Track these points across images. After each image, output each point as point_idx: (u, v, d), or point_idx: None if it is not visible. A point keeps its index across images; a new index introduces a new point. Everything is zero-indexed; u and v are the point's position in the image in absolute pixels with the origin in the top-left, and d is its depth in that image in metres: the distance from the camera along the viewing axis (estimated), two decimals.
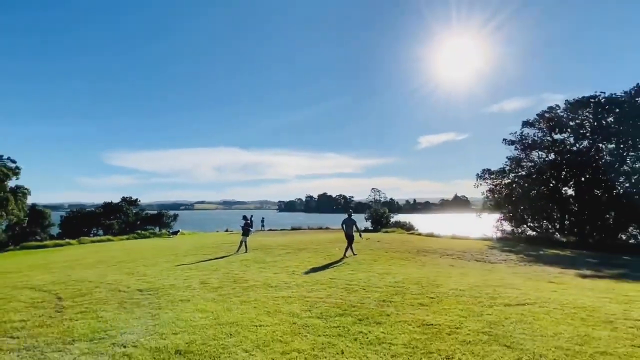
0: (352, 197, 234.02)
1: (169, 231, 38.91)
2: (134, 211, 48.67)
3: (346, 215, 17.44)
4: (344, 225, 17.17)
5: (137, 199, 50.49)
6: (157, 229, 42.74)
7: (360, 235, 17.80)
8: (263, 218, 43.35)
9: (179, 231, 38.11)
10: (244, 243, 18.57)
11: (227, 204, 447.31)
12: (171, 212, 50.80)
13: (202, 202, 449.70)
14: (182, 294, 8.91)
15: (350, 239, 16.80)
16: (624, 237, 30.10)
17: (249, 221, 19.56)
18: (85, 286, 10.20)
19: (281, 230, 41.72)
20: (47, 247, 28.94)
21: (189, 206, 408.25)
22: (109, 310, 7.59)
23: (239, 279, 10.66)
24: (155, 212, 53.04)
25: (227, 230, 43.22)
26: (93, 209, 49.73)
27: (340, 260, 14.94)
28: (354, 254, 16.41)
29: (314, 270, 12.45)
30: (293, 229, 41.57)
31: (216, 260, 15.34)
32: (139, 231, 37.97)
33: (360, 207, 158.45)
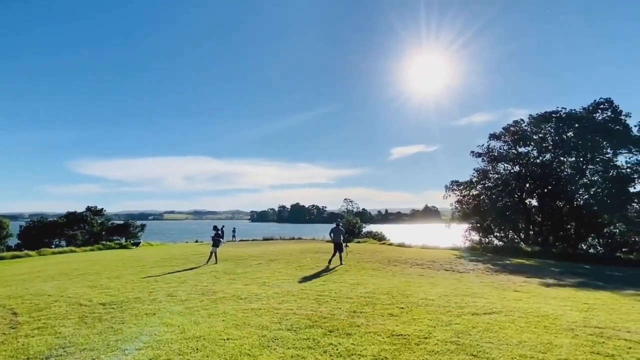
0: (325, 207, 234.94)
1: (131, 242, 37.61)
2: (99, 221, 46.95)
3: (334, 225, 17.94)
4: (332, 234, 17.56)
5: (102, 209, 48.77)
6: (123, 240, 41.36)
7: (346, 246, 18.05)
8: (234, 228, 42.70)
9: (140, 242, 36.72)
10: (214, 254, 18.20)
11: (198, 214, 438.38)
12: (138, 222, 49.29)
13: (172, 212, 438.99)
14: (147, 307, 8.62)
15: (338, 247, 17.16)
16: (584, 246, 31.42)
17: (219, 231, 19.22)
18: (44, 300, 9.71)
19: (253, 240, 41.20)
20: (4, 259, 27.42)
21: (158, 216, 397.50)
22: (69, 326, 7.24)
23: (207, 291, 10.41)
24: (122, 222, 51.43)
25: (197, 241, 42.31)
26: (55, 218, 47.62)
27: (328, 270, 15.30)
28: (341, 264, 16.75)
29: (285, 281, 12.32)
30: (265, 239, 41.11)
31: (184, 272, 14.94)
32: (104, 242, 36.58)
33: (333, 217, 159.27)
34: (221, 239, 19.22)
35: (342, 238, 17.41)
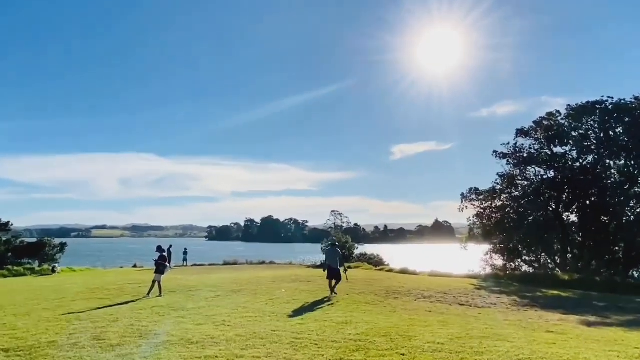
0: (307, 221, 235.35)
1: (50, 266, 36.88)
2: (4, 239, 45.94)
3: (329, 245, 19.06)
4: (325, 257, 18.45)
5: (8, 222, 47.74)
6: (36, 264, 40.52)
7: (344, 271, 18.64)
8: (185, 249, 42.37)
9: (55, 267, 35.98)
10: (157, 283, 17.98)
11: (138, 230, 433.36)
12: (57, 241, 48.40)
13: (102, 227, 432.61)
14: (66, 354, 8.45)
15: (333, 273, 17.54)
16: (635, 274, 32.05)
17: (165, 253, 19.01)
18: None
19: (210, 265, 40.89)
20: None
21: (84, 232, 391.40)
22: None
23: (147, 333, 10.27)
24: (35, 239, 50.44)
25: (135, 266, 41.79)
26: None
27: (324, 301, 15.67)
28: (335, 293, 17.15)
29: (252, 319, 12.23)
30: (226, 264, 40.92)
31: (117, 307, 14.74)
32: (10, 267, 35.76)
33: (317, 234, 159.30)
34: (167, 264, 19.00)
35: (338, 262, 17.85)
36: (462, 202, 37.38)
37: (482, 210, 36.79)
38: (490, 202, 36.57)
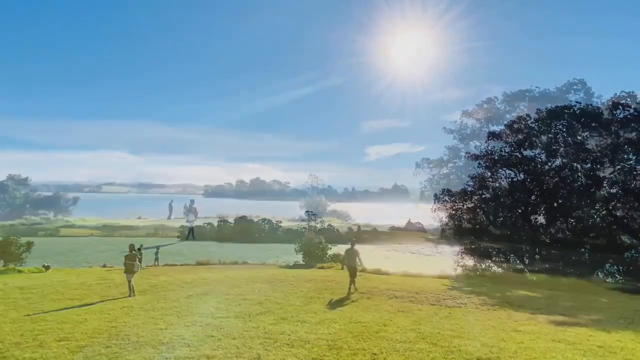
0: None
1: (44, 265, 36.59)
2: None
3: (349, 245, 19.96)
4: (346, 256, 19.68)
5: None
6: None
7: (361, 270, 19.98)
8: (158, 248, 41.87)
9: (46, 265, 35.80)
10: (130, 283, 17.69)
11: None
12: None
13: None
14: (31, 355, 8.28)
15: (352, 272, 18.93)
16: (600, 275, 32.81)
17: (135, 251, 18.69)
18: None
19: (182, 265, 40.46)
20: None
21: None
22: None
23: (116, 334, 10.11)
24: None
25: (105, 266, 41.08)
26: None
27: (298, 301, 15.75)
28: (356, 289, 18.60)
29: (223, 319, 12.13)
30: (199, 263, 40.55)
31: (86, 308, 14.47)
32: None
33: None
34: (137, 262, 18.63)
35: (357, 260, 19.21)
36: (434, 203, 37.73)
37: (454, 212, 37.17)
38: (462, 204, 36.96)
